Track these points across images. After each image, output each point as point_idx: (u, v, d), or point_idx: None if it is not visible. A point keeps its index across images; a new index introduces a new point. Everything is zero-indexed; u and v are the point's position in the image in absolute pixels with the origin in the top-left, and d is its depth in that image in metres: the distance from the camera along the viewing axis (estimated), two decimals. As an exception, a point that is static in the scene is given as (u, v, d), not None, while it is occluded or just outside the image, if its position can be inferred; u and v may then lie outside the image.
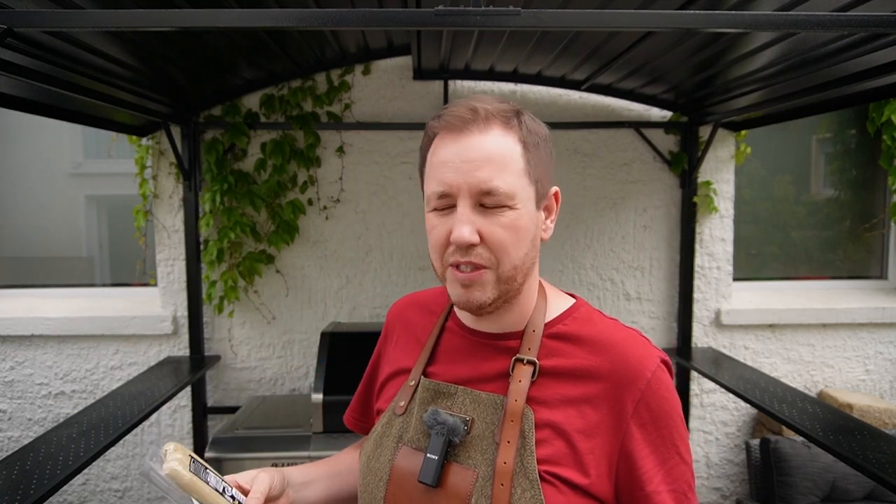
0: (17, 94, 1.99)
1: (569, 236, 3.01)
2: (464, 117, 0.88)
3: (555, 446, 0.88)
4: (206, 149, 2.80)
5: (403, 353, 1.06)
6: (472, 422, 0.92)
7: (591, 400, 0.90)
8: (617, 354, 0.91)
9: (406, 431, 0.96)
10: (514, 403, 0.89)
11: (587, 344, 0.93)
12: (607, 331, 0.95)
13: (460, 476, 0.89)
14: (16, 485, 1.61)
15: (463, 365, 0.98)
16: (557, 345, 0.94)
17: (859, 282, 3.29)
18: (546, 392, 0.91)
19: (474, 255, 0.87)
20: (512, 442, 0.87)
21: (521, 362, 0.92)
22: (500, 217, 0.87)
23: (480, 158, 0.86)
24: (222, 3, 1.75)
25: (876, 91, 2.10)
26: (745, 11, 1.41)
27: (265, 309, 2.96)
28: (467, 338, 0.99)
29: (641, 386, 0.89)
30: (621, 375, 0.90)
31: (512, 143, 0.89)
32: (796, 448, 2.67)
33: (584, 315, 0.97)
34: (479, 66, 2.73)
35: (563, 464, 0.87)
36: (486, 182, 0.86)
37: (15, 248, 3.18)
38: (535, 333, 0.94)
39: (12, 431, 2.99)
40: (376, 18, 1.30)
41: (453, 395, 0.95)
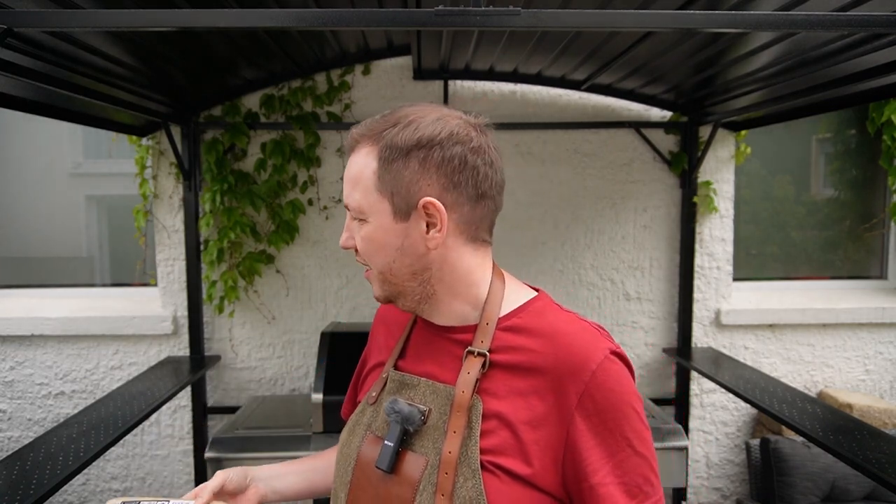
0: (17, 94, 1.99)
1: (569, 236, 3.01)
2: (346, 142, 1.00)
3: (500, 436, 0.90)
4: (206, 149, 2.80)
5: (383, 348, 1.13)
6: (428, 412, 0.95)
7: (538, 391, 0.91)
8: (563, 346, 0.92)
9: (374, 420, 1.01)
10: (461, 394, 0.92)
11: (537, 336, 0.94)
12: (557, 323, 0.96)
13: (413, 464, 0.93)
14: (16, 485, 1.61)
15: (426, 358, 1.02)
16: (510, 337, 0.96)
17: (859, 282, 3.29)
18: (496, 383, 0.93)
19: (358, 256, 1.00)
20: (458, 432, 0.90)
21: (472, 354, 0.95)
22: (360, 228, 0.97)
23: (346, 178, 0.98)
24: (222, 3, 1.75)
25: (876, 91, 2.10)
26: (745, 11, 1.41)
27: (265, 309, 2.96)
28: (431, 332, 1.03)
29: (585, 377, 0.89)
30: (566, 366, 0.90)
31: (370, 160, 0.93)
32: (796, 448, 2.67)
33: (538, 308, 0.99)
34: (479, 66, 2.73)
35: (507, 454, 0.89)
36: (345, 199, 0.98)
37: (15, 248, 3.18)
38: (489, 326, 0.96)
39: (12, 431, 2.99)
40: (376, 18, 1.30)
41: (416, 385, 0.99)
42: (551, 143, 2.97)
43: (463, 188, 0.92)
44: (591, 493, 0.88)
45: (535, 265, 3.02)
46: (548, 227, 3.00)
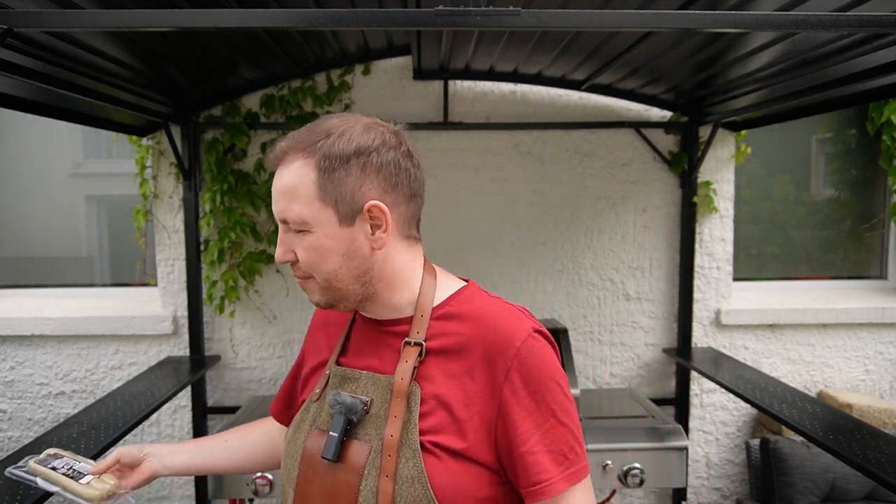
0: (17, 94, 1.99)
1: (569, 236, 3.01)
2: (275, 154, 1.01)
3: (437, 417, 0.97)
4: (207, 149, 2.80)
5: (324, 349, 1.17)
6: (370, 402, 1.01)
7: (469, 371, 0.99)
8: (489, 327, 1.01)
9: (319, 415, 1.06)
10: (399, 381, 0.99)
11: (465, 320, 1.03)
12: (484, 307, 1.05)
13: (357, 451, 0.99)
14: (16, 485, 1.61)
15: (367, 352, 1.08)
16: (443, 324, 1.03)
17: (859, 282, 3.29)
18: (432, 369, 1.00)
19: (296, 268, 1.03)
20: (398, 417, 0.97)
21: (409, 344, 1.02)
22: (302, 239, 0.99)
23: (276, 192, 1.00)
24: (222, 3, 1.75)
25: (876, 91, 2.10)
26: (745, 11, 1.41)
27: (266, 309, 2.96)
28: (370, 328, 1.10)
29: (511, 354, 0.97)
30: (493, 346, 0.99)
31: (307, 171, 0.97)
32: (796, 448, 2.67)
33: (466, 296, 1.07)
34: (479, 66, 2.73)
35: (445, 432, 0.97)
36: (282, 213, 0.99)
37: (15, 248, 3.18)
38: (423, 318, 1.03)
39: (12, 431, 2.99)
40: (376, 18, 1.30)
41: (357, 378, 1.05)
42: (551, 143, 2.97)
43: (399, 189, 1.00)
44: (522, 461, 0.96)
45: (535, 265, 3.02)
46: (548, 227, 3.00)
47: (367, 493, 0.96)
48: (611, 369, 3.08)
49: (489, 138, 2.95)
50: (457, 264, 2.98)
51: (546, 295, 3.03)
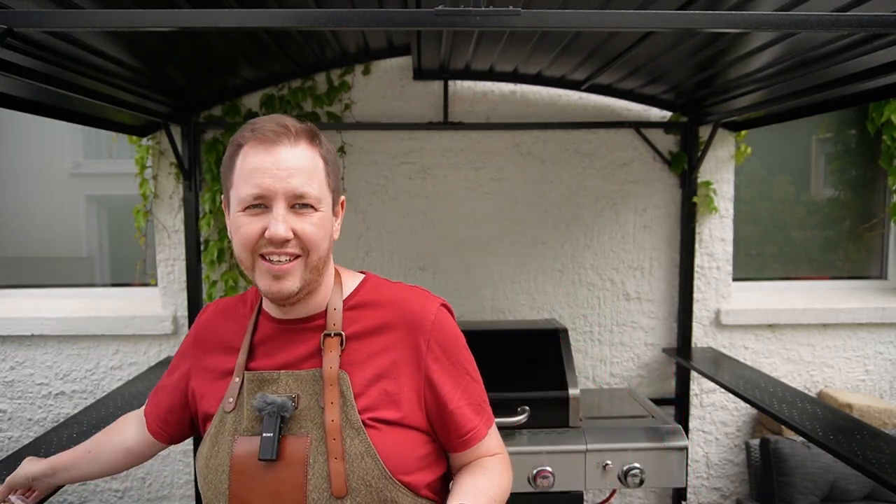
0: (17, 94, 1.99)
1: (569, 236, 3.01)
2: (277, 131, 1.02)
3: (371, 395, 1.05)
4: (207, 149, 2.80)
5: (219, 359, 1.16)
6: (297, 398, 1.05)
7: (390, 348, 1.08)
8: (404, 308, 1.11)
9: (239, 423, 1.07)
10: (329, 370, 1.05)
11: (379, 306, 1.12)
12: (394, 292, 1.15)
13: (295, 445, 1.02)
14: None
15: (279, 353, 1.11)
16: (357, 313, 1.11)
17: (859, 282, 3.29)
18: (355, 355, 1.08)
19: (289, 247, 1.02)
20: (335, 402, 1.03)
21: (329, 336, 1.08)
22: (309, 217, 1.03)
23: (294, 168, 1.02)
24: (222, 3, 1.75)
25: (876, 91, 2.09)
26: (745, 11, 1.41)
27: (265, 309, 2.96)
28: (278, 328, 1.13)
29: (428, 327, 1.09)
30: (411, 323, 1.10)
31: (317, 157, 1.06)
32: (796, 448, 2.67)
33: (373, 285, 1.17)
34: (479, 67, 2.73)
35: (380, 407, 1.05)
36: (300, 188, 1.02)
37: (15, 248, 3.18)
38: (337, 311, 1.11)
39: (12, 431, 2.99)
40: (376, 18, 1.30)
41: (276, 379, 1.08)
42: (551, 143, 2.97)
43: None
44: (451, 417, 1.09)
45: (535, 265, 3.02)
46: (548, 227, 3.00)
47: (316, 479, 1.01)
48: (611, 369, 3.08)
49: (489, 138, 2.95)
50: (457, 264, 2.99)
51: (546, 295, 3.03)
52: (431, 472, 1.11)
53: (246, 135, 1.05)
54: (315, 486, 1.00)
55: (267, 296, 1.07)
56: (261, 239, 1.02)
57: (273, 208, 1.01)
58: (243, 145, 1.04)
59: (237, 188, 1.04)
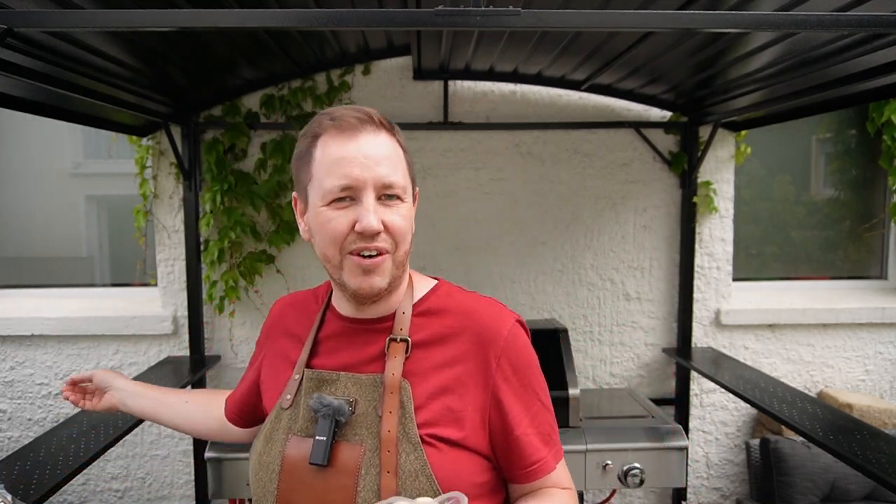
0: (17, 94, 1.99)
1: (569, 236, 3.01)
2: (359, 118, 0.98)
3: (432, 409, 0.98)
4: (206, 149, 2.79)
5: (285, 351, 1.13)
6: (355, 402, 1.00)
7: (459, 362, 1.01)
8: (476, 320, 1.03)
9: (294, 422, 1.03)
10: (391, 377, 0.99)
11: (450, 315, 1.05)
12: (466, 301, 1.07)
13: (349, 453, 0.97)
14: (16, 485, 1.61)
15: (343, 353, 1.06)
16: (425, 320, 1.05)
17: (859, 282, 3.29)
18: (420, 364, 1.01)
19: (379, 240, 0.96)
20: (393, 412, 0.96)
21: (394, 341, 1.02)
22: (397, 208, 0.98)
23: (380, 156, 0.97)
24: (222, 3, 1.75)
25: (876, 91, 2.09)
26: (745, 11, 1.41)
27: (266, 309, 2.96)
28: (346, 326, 1.08)
29: (500, 343, 1.01)
30: (482, 336, 1.01)
31: (397, 147, 1.01)
32: (796, 448, 2.67)
33: (445, 291, 1.10)
34: (479, 67, 2.73)
35: (441, 424, 0.97)
36: (388, 177, 0.96)
37: (15, 248, 3.18)
38: (405, 315, 1.04)
39: (12, 431, 2.99)
40: (376, 18, 1.30)
41: (336, 381, 1.02)
42: (551, 143, 2.97)
43: None
44: (517, 443, 1.00)
45: (535, 265, 3.02)
46: (548, 227, 3.00)
47: (366, 492, 0.94)
48: (611, 369, 3.08)
49: (489, 138, 2.95)
50: (457, 264, 2.99)
51: (546, 295, 3.03)
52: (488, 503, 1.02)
53: (324, 123, 0.99)
54: (364, 498, 0.94)
55: (356, 293, 0.99)
56: (350, 234, 0.96)
57: (362, 200, 0.95)
58: (321, 135, 0.99)
59: (318, 181, 0.98)
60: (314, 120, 1.02)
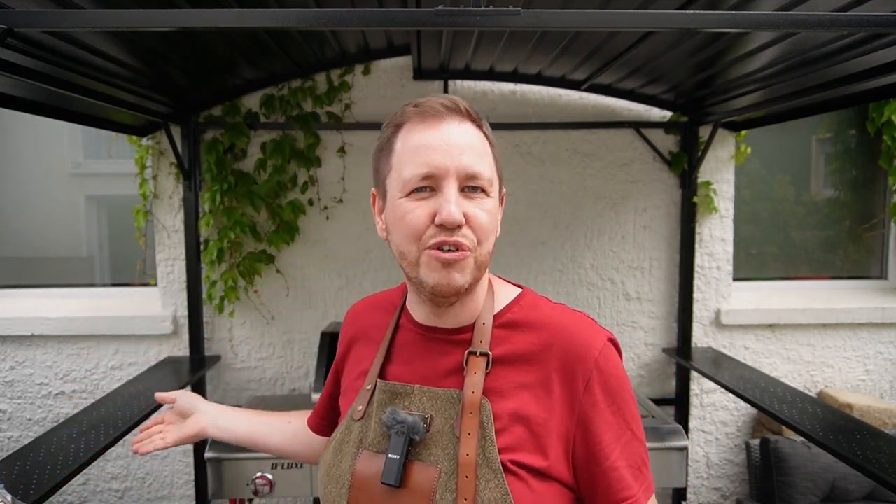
0: (17, 94, 1.99)
1: (569, 236, 3.01)
2: (446, 105, 0.91)
3: (514, 433, 0.89)
4: (206, 149, 2.80)
5: (364, 355, 1.07)
6: (430, 419, 0.92)
7: (543, 383, 0.91)
8: (564, 336, 0.93)
9: (366, 436, 0.96)
10: (471, 395, 0.90)
11: (535, 329, 0.95)
12: (553, 315, 0.97)
13: (423, 474, 0.89)
14: (16, 485, 1.61)
15: (418, 363, 0.98)
16: (507, 333, 0.96)
17: (859, 282, 3.29)
18: (500, 381, 0.92)
19: (460, 235, 0.88)
20: (472, 434, 0.88)
21: (474, 355, 0.93)
22: (482, 202, 0.90)
23: (465, 144, 0.89)
24: (222, 3, 1.75)
25: (876, 91, 2.10)
26: (745, 11, 1.41)
27: (265, 309, 2.96)
28: (421, 335, 1.00)
29: (590, 365, 0.91)
30: (570, 355, 0.92)
31: (483, 138, 0.94)
32: (796, 448, 2.67)
33: (529, 302, 1.00)
34: (479, 66, 2.73)
35: (523, 449, 0.89)
36: (473, 166, 0.88)
37: (15, 248, 3.18)
38: (486, 326, 0.95)
39: (12, 431, 2.99)
40: (376, 18, 1.30)
41: (410, 394, 0.95)
42: (551, 143, 2.97)
43: None
44: (605, 476, 0.89)
45: (535, 265, 3.02)
46: (548, 227, 3.00)
47: None
48: (611, 369, 3.07)
49: (489, 138, 2.95)
50: (457, 264, 2.99)
51: (546, 295, 3.02)
52: None
53: (408, 111, 0.92)
54: None
55: (435, 290, 0.90)
56: (429, 227, 0.88)
57: (443, 189, 0.88)
58: (404, 124, 0.92)
59: (398, 170, 0.91)
60: (398, 109, 0.95)
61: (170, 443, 1.22)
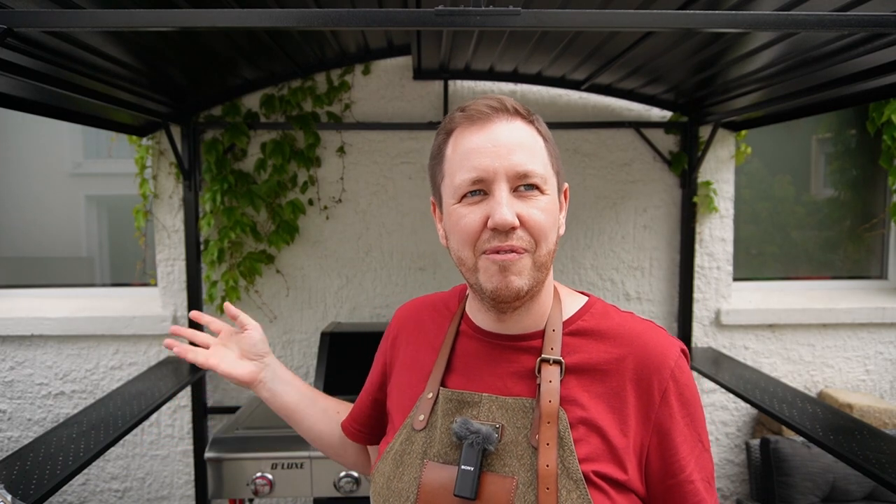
0: (17, 94, 1.99)
1: (569, 236, 3.01)
2: (491, 106, 0.89)
3: (591, 444, 0.87)
4: (206, 149, 2.80)
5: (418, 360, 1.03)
6: (502, 429, 0.90)
7: (618, 393, 0.90)
8: (639, 346, 0.92)
9: (430, 446, 0.93)
10: (548, 404, 0.88)
11: (607, 338, 0.93)
12: (626, 323, 0.95)
13: (498, 485, 0.86)
14: (16, 485, 1.61)
15: (484, 371, 0.95)
16: (578, 341, 0.94)
17: (859, 282, 3.29)
18: (574, 390, 0.90)
19: (515, 238, 0.86)
20: (551, 444, 0.86)
21: (546, 362, 0.91)
22: (536, 201, 0.88)
23: (513, 143, 0.87)
24: (222, 3, 1.75)
25: (876, 91, 2.09)
26: (745, 11, 1.41)
27: (266, 309, 2.96)
28: (485, 341, 0.97)
29: (666, 375, 0.90)
30: (646, 366, 0.90)
31: (535, 134, 0.91)
32: (796, 448, 2.66)
33: (600, 310, 0.98)
34: (479, 66, 2.73)
35: (602, 460, 0.87)
36: (523, 165, 0.86)
37: (15, 248, 3.18)
38: (556, 332, 0.93)
39: (12, 431, 2.99)
40: (376, 18, 1.30)
41: (478, 403, 0.92)
42: (551, 143, 2.96)
43: None
44: (680, 488, 0.88)
45: (535, 265, 3.01)
46: (548, 227, 3.00)
47: None
48: (611, 369, 3.07)
49: (489, 138, 2.95)
50: (457, 264, 2.99)
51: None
52: None
53: (456, 117, 0.92)
54: None
55: (494, 295, 0.89)
56: (483, 231, 0.87)
57: (494, 192, 0.86)
58: (453, 130, 0.92)
59: (450, 177, 0.91)
60: (448, 115, 0.94)
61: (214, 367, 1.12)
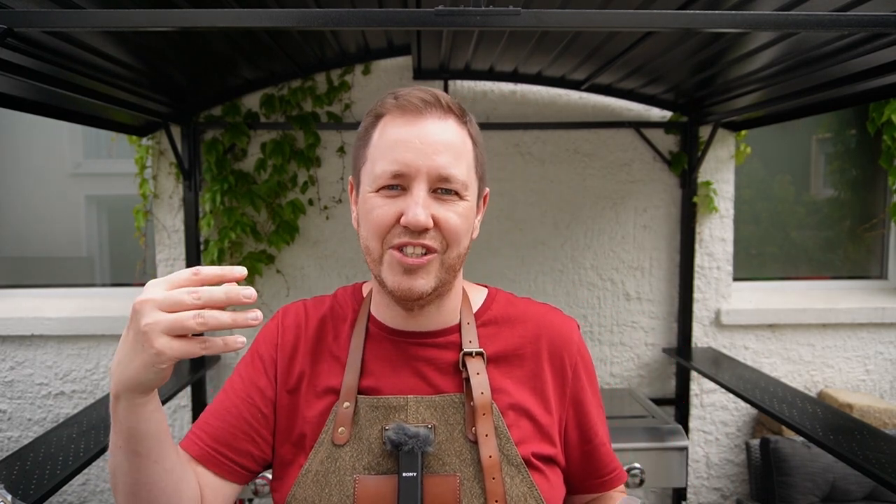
0: (17, 94, 1.99)
1: (569, 236, 3.01)
2: (425, 100, 0.86)
3: (522, 427, 0.91)
4: (206, 149, 2.80)
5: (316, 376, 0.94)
6: (434, 428, 0.89)
7: (538, 374, 0.95)
8: (547, 326, 0.98)
9: (359, 459, 0.88)
10: (481, 396, 0.89)
11: (518, 322, 0.98)
12: (531, 307, 1.01)
13: (441, 486, 0.86)
14: (16, 485, 1.61)
15: (402, 372, 0.92)
16: (492, 331, 0.97)
17: (859, 282, 3.29)
18: (497, 378, 0.93)
19: (428, 237, 0.84)
20: (490, 435, 0.88)
21: (469, 355, 0.92)
22: (453, 205, 0.86)
23: (441, 144, 0.85)
24: (222, 3, 1.75)
25: (876, 91, 2.10)
26: (745, 11, 1.41)
27: (266, 309, 2.96)
28: (398, 341, 0.94)
29: (574, 350, 0.98)
30: (557, 345, 0.97)
31: (465, 137, 0.90)
32: (796, 448, 2.66)
33: (504, 298, 1.02)
34: (479, 66, 2.73)
35: (534, 441, 0.92)
36: (446, 168, 0.84)
37: (15, 248, 3.18)
38: (470, 325, 0.95)
39: (12, 431, 2.99)
40: (376, 18, 1.30)
41: (404, 406, 0.90)
42: (551, 143, 2.97)
43: None
44: (596, 452, 0.98)
45: (535, 265, 3.02)
46: (548, 227, 3.00)
47: None
48: (611, 369, 3.08)
49: (489, 138, 2.95)
50: (457, 264, 2.99)
51: (546, 295, 3.03)
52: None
53: (388, 102, 0.88)
54: None
55: (395, 294, 0.87)
56: (395, 226, 0.85)
57: (412, 190, 0.84)
58: (383, 115, 0.88)
59: (371, 164, 0.88)
60: (381, 98, 0.90)
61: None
